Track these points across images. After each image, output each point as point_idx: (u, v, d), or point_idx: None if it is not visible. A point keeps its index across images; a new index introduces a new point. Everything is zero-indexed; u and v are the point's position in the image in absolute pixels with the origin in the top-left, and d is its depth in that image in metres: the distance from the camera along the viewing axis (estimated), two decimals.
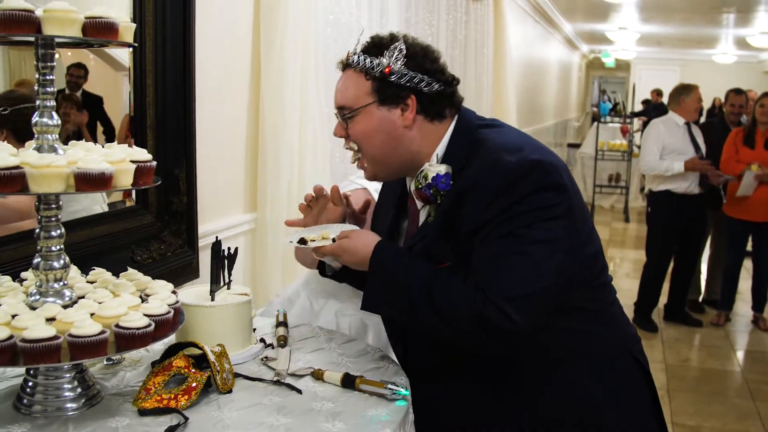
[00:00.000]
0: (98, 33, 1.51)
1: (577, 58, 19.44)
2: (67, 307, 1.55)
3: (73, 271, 1.73)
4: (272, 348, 1.96)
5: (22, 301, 1.58)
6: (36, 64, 1.55)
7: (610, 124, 12.43)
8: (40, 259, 1.60)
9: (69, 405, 1.56)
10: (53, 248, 1.59)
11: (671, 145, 5.86)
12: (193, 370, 1.63)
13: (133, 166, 1.55)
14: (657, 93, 14.67)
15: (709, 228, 6.36)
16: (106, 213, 2.38)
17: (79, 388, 1.58)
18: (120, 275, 1.81)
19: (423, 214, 1.84)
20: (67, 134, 2.16)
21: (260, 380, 1.75)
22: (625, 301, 5.96)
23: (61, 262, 1.61)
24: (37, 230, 1.59)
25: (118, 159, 1.51)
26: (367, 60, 1.76)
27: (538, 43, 11.80)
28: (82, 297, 1.63)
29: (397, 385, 1.66)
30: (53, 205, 1.58)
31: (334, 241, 1.81)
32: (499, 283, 1.57)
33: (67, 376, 1.57)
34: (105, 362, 1.81)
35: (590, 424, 1.77)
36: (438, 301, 1.62)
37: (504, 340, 1.58)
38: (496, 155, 1.67)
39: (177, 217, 2.65)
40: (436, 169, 1.73)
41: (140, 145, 2.43)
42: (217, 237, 1.94)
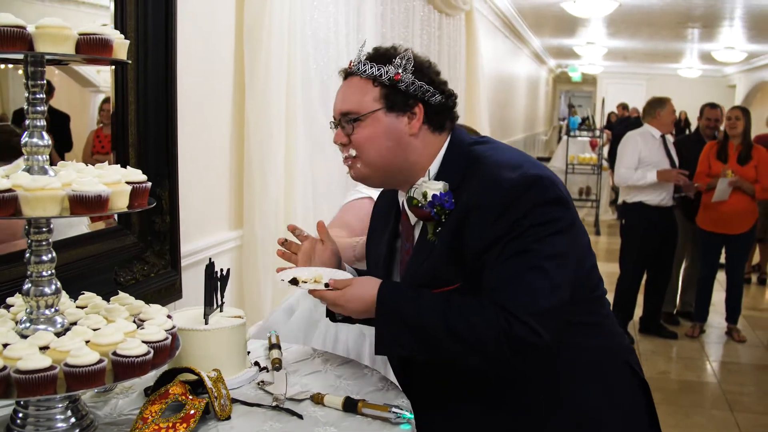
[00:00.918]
0: (92, 50, 1.45)
1: (545, 73, 19.64)
2: (59, 335, 1.48)
3: (63, 296, 1.66)
4: (267, 371, 1.91)
5: (12, 329, 1.51)
6: (25, 83, 1.50)
7: (579, 138, 12.56)
8: (30, 285, 1.53)
9: None
10: (44, 273, 1.53)
11: (648, 158, 5.89)
12: (190, 397, 1.58)
13: (129, 188, 1.50)
14: (623, 107, 14.83)
15: (684, 240, 6.42)
16: (89, 234, 2.31)
17: (73, 418, 1.52)
18: (111, 299, 1.75)
19: (417, 230, 1.82)
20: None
21: (259, 406, 1.69)
22: None
23: (53, 287, 1.54)
24: (27, 254, 1.53)
25: (114, 180, 1.46)
26: (375, 68, 1.75)
27: (508, 57, 11.90)
28: (74, 323, 1.56)
29: (401, 409, 1.62)
30: (44, 229, 1.52)
31: (327, 286, 1.77)
32: (522, 299, 1.57)
33: (60, 406, 1.51)
34: (96, 390, 1.74)
35: None
36: (461, 331, 1.60)
37: (531, 355, 1.59)
38: (496, 172, 1.67)
39: (160, 237, 2.60)
40: (436, 187, 1.71)
41: (121, 163, 2.38)
42: (210, 259, 1.89)
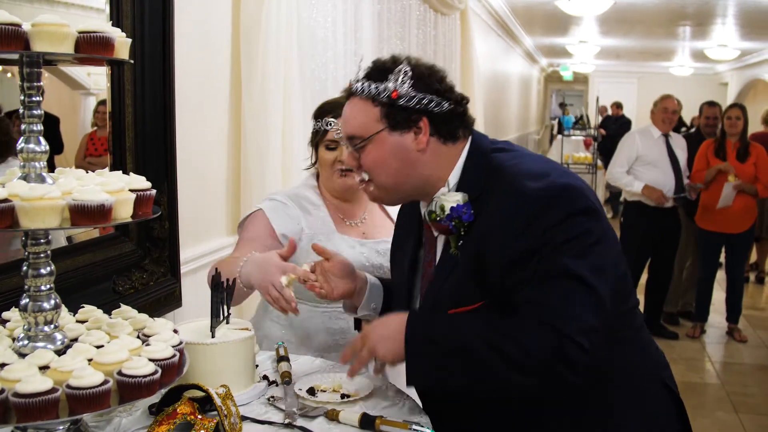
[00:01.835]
0: (92, 49, 1.37)
1: (536, 72, 19.58)
2: (60, 353, 1.39)
3: (62, 310, 1.57)
4: (276, 386, 1.83)
5: (9, 347, 1.42)
6: (21, 84, 1.41)
7: (573, 137, 12.52)
8: (28, 300, 1.43)
9: None
10: (43, 287, 1.44)
11: (645, 156, 5.91)
12: (199, 416, 1.49)
13: (133, 196, 1.41)
14: (617, 105, 14.77)
15: (687, 240, 6.37)
16: (86, 242, 2.22)
17: None
18: (113, 313, 1.66)
19: (440, 243, 1.73)
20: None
21: (270, 423, 1.61)
22: None
23: (52, 302, 1.45)
24: (25, 267, 1.44)
25: (117, 188, 1.37)
26: (372, 86, 1.67)
27: (501, 57, 11.83)
28: (75, 340, 1.47)
29: (422, 426, 1.54)
30: (42, 240, 1.43)
31: (343, 397, 1.74)
32: (571, 317, 1.48)
33: (61, 428, 1.42)
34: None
35: None
36: (510, 353, 1.49)
37: (582, 375, 1.49)
38: (520, 183, 1.58)
39: (159, 243, 2.51)
40: (454, 199, 1.63)
41: (120, 168, 2.29)
42: (216, 269, 1.81)
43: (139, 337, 1.53)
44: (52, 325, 1.46)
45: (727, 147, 5.98)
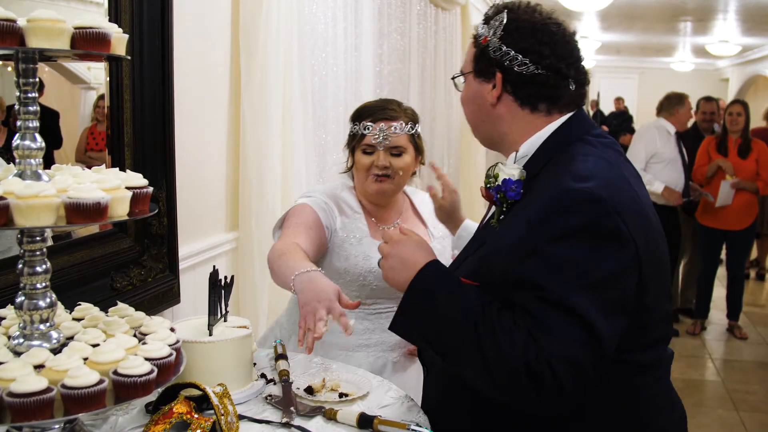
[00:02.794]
0: (88, 45, 1.35)
1: None
2: (55, 352, 1.38)
3: (58, 308, 1.56)
4: (274, 384, 1.82)
5: (4, 345, 1.41)
6: (16, 81, 1.39)
7: None
8: (23, 298, 1.42)
9: None
10: (38, 285, 1.42)
11: (663, 154, 5.87)
12: (196, 416, 1.48)
13: (129, 194, 1.39)
14: (618, 100, 14.73)
15: (684, 237, 6.35)
16: (84, 237, 2.20)
17: None
18: (109, 311, 1.64)
19: (491, 212, 1.66)
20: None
21: (268, 423, 1.60)
22: None
23: (47, 300, 1.44)
24: (20, 265, 1.42)
25: (113, 186, 1.35)
26: (480, 27, 1.67)
27: None
28: (71, 338, 1.46)
29: (420, 426, 1.53)
30: (38, 238, 1.41)
31: (341, 396, 1.74)
32: (555, 339, 1.34)
33: (56, 427, 1.41)
34: None
35: None
36: (486, 346, 1.38)
37: (551, 406, 1.36)
38: (561, 177, 1.46)
39: (157, 239, 2.49)
40: (510, 172, 1.56)
41: (118, 164, 2.28)
42: (214, 266, 1.79)
43: (135, 336, 1.51)
44: (48, 323, 1.45)
45: (728, 143, 5.98)
